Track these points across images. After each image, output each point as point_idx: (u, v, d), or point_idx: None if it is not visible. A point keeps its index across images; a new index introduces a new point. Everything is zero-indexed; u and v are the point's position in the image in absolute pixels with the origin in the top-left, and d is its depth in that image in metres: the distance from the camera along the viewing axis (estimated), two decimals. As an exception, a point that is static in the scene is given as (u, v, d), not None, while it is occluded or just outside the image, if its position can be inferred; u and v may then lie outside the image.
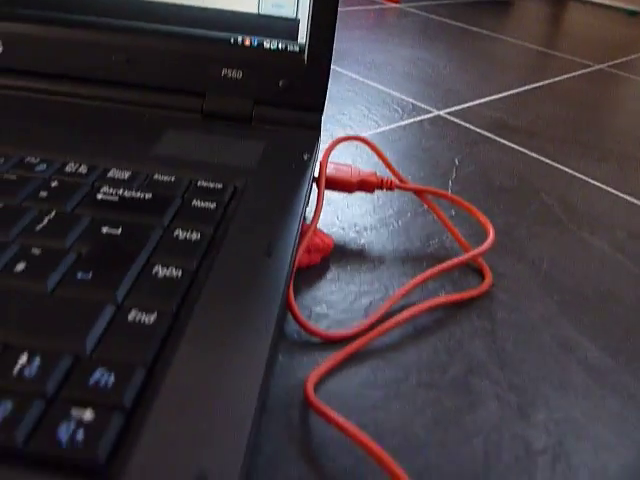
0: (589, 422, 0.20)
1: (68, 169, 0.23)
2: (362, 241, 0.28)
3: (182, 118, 0.29)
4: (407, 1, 0.93)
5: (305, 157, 0.26)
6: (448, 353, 0.22)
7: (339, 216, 0.29)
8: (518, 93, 0.53)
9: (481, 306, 0.24)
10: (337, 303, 0.23)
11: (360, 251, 0.27)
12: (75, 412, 0.14)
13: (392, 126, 0.41)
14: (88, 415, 0.13)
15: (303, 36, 0.28)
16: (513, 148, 0.40)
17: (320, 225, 0.28)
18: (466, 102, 0.48)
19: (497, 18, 0.89)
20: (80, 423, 0.13)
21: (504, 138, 0.42)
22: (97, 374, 0.15)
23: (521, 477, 0.17)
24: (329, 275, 0.25)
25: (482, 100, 0.49)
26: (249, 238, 0.21)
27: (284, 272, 0.19)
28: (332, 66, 0.54)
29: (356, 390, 0.19)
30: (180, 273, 0.18)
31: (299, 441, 0.17)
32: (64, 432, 0.13)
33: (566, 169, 0.38)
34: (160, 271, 0.18)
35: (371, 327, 0.21)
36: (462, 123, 0.44)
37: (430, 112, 0.45)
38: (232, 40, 0.28)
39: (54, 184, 0.22)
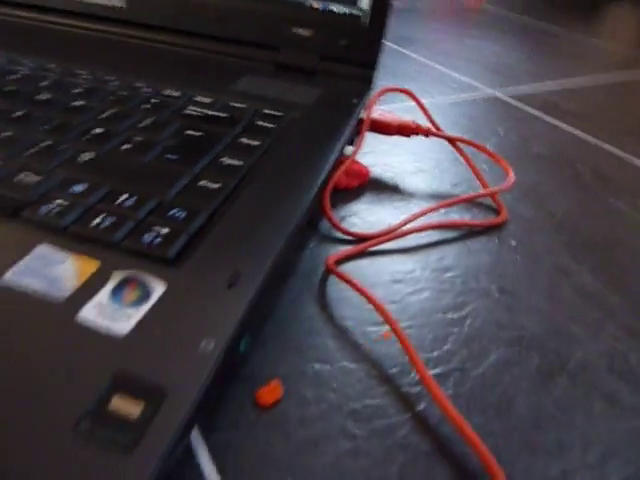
0: (566, 322, 0.23)
1: (165, 93, 0.30)
2: (397, 180, 0.32)
3: (258, 67, 0.34)
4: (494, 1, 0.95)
5: (354, 101, 0.31)
6: (453, 260, 0.25)
7: (380, 159, 0.34)
8: (582, 85, 0.54)
9: (493, 234, 0.28)
10: (366, 217, 0.28)
11: (394, 186, 0.31)
12: (156, 228, 0.19)
13: (445, 98, 0.45)
14: (164, 231, 0.19)
15: (364, 3, 0.33)
16: (559, 126, 0.43)
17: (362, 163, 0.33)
18: (523, 86, 0.51)
19: (586, 21, 0.89)
20: (159, 234, 0.19)
21: (553, 117, 0.44)
22: (174, 211, 0.20)
23: (490, 348, 0.21)
24: (363, 198, 0.30)
25: (541, 86, 0.52)
26: (297, 149, 0.26)
27: (321, 171, 0.24)
28: (401, 49, 0.59)
29: (367, 272, 0.24)
30: (241, 163, 0.24)
31: (315, 294, 0.22)
32: (147, 237, 0.19)
33: (608, 146, 0.40)
34: (226, 161, 0.24)
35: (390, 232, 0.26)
36: (514, 102, 0.46)
37: (485, 91, 0.48)
38: (305, 4, 0.34)
39: (154, 101, 0.29)
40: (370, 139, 0.36)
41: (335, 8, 0.33)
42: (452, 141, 0.32)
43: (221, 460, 0.16)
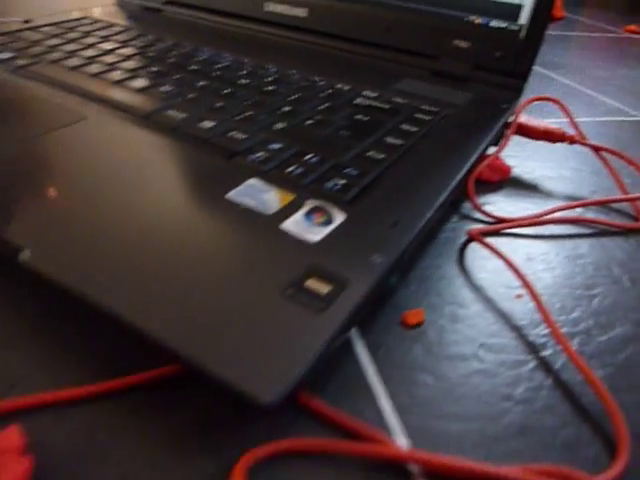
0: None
1: (338, 86, 0.35)
2: (538, 181, 0.34)
3: (415, 72, 0.39)
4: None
5: (503, 106, 0.34)
6: (587, 251, 0.27)
7: (522, 162, 0.36)
8: None
9: (630, 236, 0.29)
10: (503, 207, 0.31)
11: (533, 185, 0.34)
12: (335, 179, 0.24)
13: (590, 119, 0.46)
14: (342, 182, 0.24)
15: (523, 19, 0.36)
16: None
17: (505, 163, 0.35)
18: (678, 114, 0.50)
19: None
20: (337, 183, 0.24)
21: None
22: (348, 169, 0.25)
23: (616, 323, 0.23)
24: (503, 191, 0.32)
25: (698, 116, 0.50)
26: (448, 139, 0.29)
27: (468, 160, 0.27)
28: (549, 73, 0.60)
29: (503, 249, 0.27)
30: (402, 143, 0.28)
31: (454, 258, 0.25)
32: (329, 184, 0.24)
33: None
34: (389, 140, 0.28)
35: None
36: (666, 128, 0.46)
37: (634, 116, 0.48)
38: (466, 18, 0.37)
39: (329, 91, 0.34)
40: (515, 144, 0.39)
41: (495, 23, 0.37)
42: (597, 150, 0.34)
43: (373, 354, 0.19)
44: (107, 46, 0.40)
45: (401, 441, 0.17)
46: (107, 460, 0.15)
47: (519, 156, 0.37)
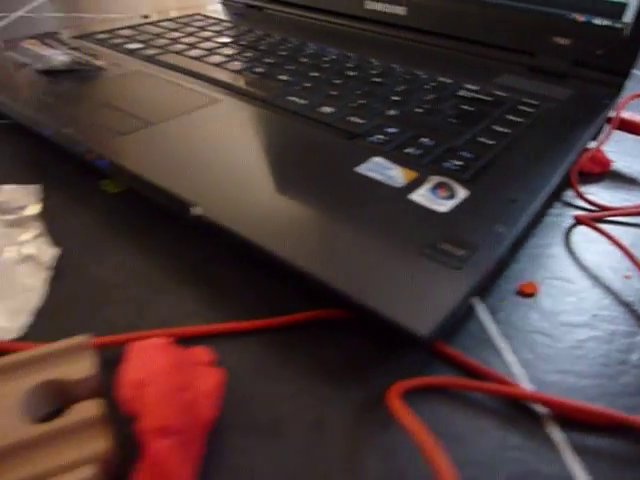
0: None
1: (440, 79, 0.37)
2: (637, 175, 0.35)
3: (513, 68, 0.40)
4: None
5: (604, 102, 0.35)
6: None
7: (623, 157, 0.37)
8: None
9: None
10: (604, 197, 0.31)
11: (633, 180, 0.34)
12: (452, 160, 0.26)
13: (689, 119, 0.46)
14: (459, 162, 0.26)
15: (629, 17, 0.36)
16: None
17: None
18: None
19: None
20: (454, 164, 0.26)
21: None
22: (463, 152, 0.27)
23: None
24: (603, 182, 0.33)
25: None
26: (552, 131, 0.31)
27: (571, 151, 0.29)
28: None
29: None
30: (509, 131, 0.30)
31: (560, 240, 0.27)
32: (447, 164, 0.25)
33: None
34: (497, 128, 0.30)
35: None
36: None
37: None
38: (568, 16, 0.38)
39: (432, 84, 0.36)
40: (615, 139, 0.39)
41: (598, 21, 0.37)
42: (700, 146, 0.34)
43: (494, 316, 0.21)
44: (222, 39, 0.43)
45: (529, 388, 0.18)
46: (274, 381, 0.18)
47: (617, 151, 0.38)
